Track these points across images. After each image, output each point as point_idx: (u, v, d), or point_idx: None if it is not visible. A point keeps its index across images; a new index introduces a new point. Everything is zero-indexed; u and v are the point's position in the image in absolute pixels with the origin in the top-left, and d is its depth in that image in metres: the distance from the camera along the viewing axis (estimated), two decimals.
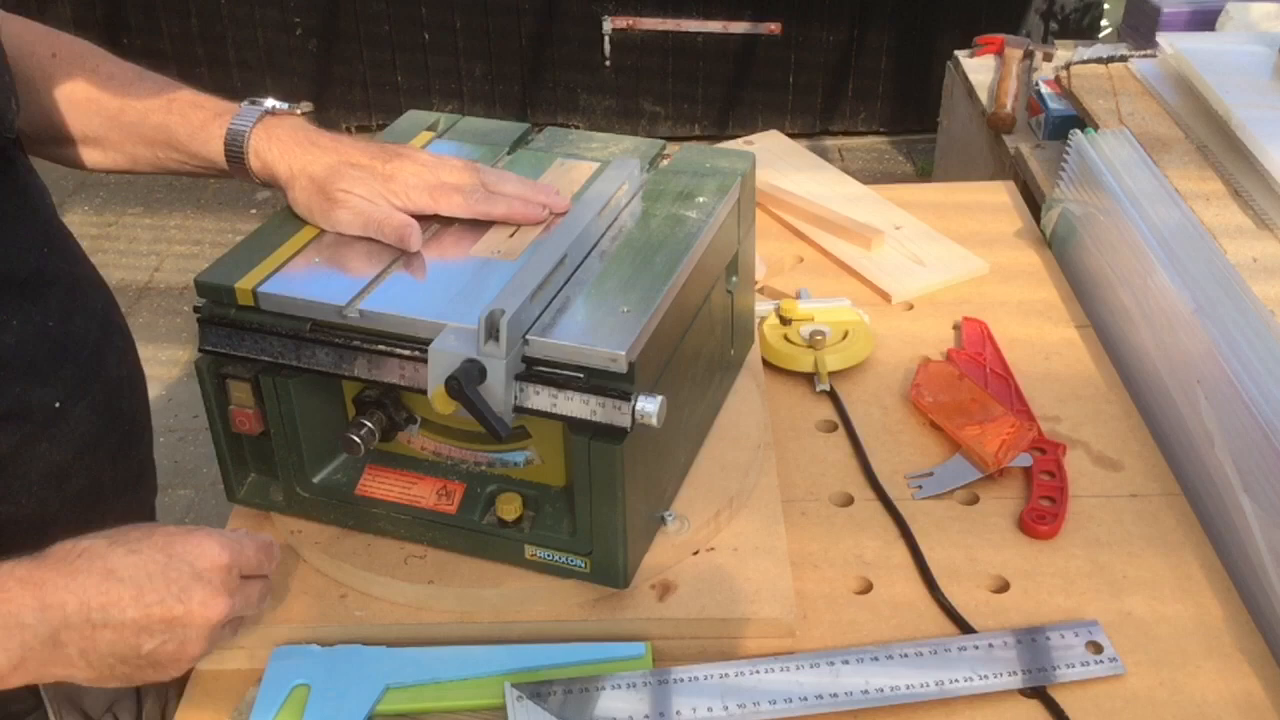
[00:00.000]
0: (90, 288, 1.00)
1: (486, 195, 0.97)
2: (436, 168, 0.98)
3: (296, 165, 0.98)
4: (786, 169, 1.65)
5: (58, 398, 0.92)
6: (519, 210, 0.96)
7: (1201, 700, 0.90)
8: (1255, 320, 1.09)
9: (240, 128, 1.00)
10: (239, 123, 1.00)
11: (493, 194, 0.97)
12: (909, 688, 0.89)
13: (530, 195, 0.98)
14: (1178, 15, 2.00)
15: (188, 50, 4.00)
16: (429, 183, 0.96)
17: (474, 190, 0.97)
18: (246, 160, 1.00)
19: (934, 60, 3.69)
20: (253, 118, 1.00)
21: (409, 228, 0.94)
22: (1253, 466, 1.01)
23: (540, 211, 0.97)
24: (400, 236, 0.94)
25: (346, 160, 0.97)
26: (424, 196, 0.96)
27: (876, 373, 1.26)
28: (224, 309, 0.93)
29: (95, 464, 0.96)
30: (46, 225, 0.96)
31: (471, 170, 0.99)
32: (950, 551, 1.03)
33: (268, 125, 1.00)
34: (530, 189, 0.99)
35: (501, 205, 0.97)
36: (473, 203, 0.96)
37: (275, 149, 0.99)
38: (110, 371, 0.98)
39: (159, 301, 3.25)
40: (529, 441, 0.94)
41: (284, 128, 1.01)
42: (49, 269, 0.94)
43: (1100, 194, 1.37)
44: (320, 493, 0.98)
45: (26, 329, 0.90)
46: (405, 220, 0.94)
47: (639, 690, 0.88)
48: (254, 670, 0.92)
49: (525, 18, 4.00)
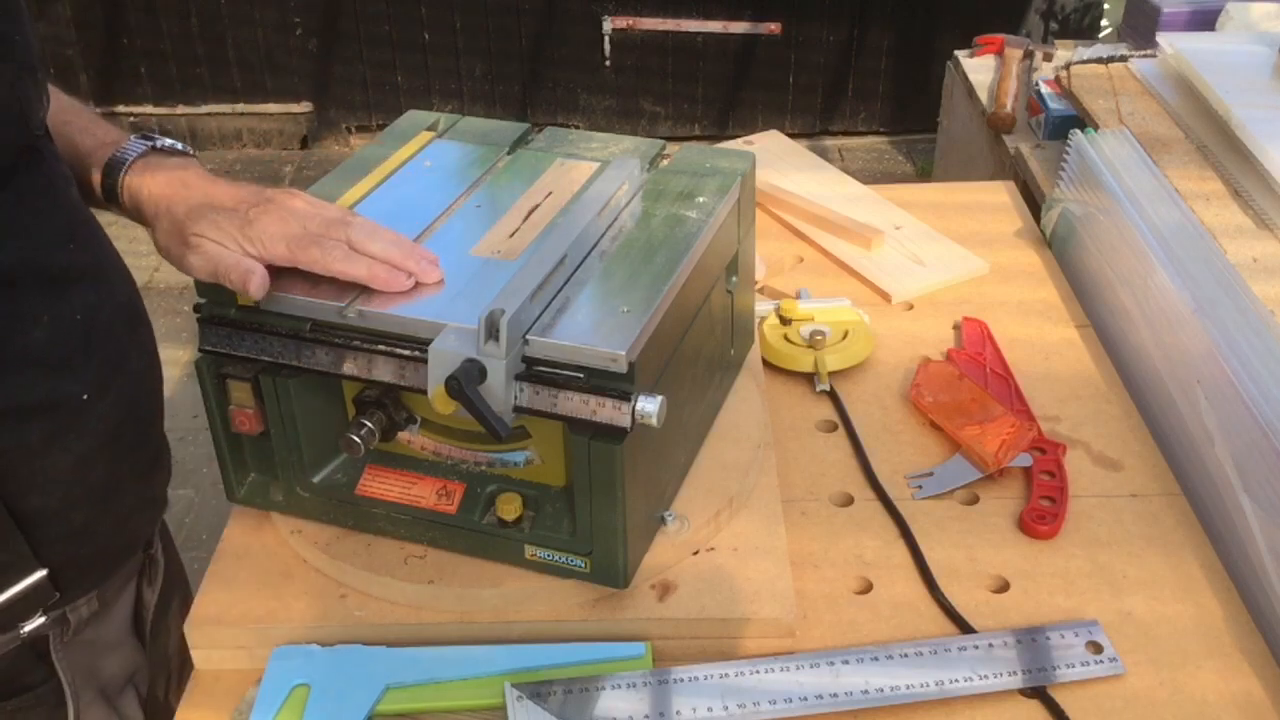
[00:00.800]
0: (116, 278, 0.99)
1: (347, 254, 0.91)
2: (304, 218, 0.92)
3: (162, 205, 0.94)
4: (786, 169, 1.65)
5: (85, 391, 0.92)
6: (381, 275, 0.90)
7: (1201, 700, 0.90)
8: (1255, 320, 1.09)
9: (121, 159, 0.96)
10: (120, 154, 0.96)
11: (354, 254, 0.91)
12: (909, 688, 0.89)
13: (399, 260, 0.91)
14: (1178, 15, 2.00)
15: (188, 50, 4.00)
16: (289, 233, 0.91)
17: (334, 247, 0.91)
18: (119, 194, 0.96)
19: (934, 60, 3.69)
20: (136, 151, 0.97)
21: (251, 274, 0.89)
22: (1253, 466, 1.01)
23: (404, 281, 0.91)
24: (243, 283, 0.89)
25: (210, 203, 0.92)
26: (280, 246, 0.90)
27: (876, 373, 1.26)
28: (224, 309, 0.93)
29: (116, 454, 0.97)
30: (72, 216, 0.95)
31: (341, 224, 0.92)
32: (950, 551, 1.03)
33: (149, 161, 0.97)
34: (401, 253, 0.92)
35: (362, 267, 0.90)
36: (330, 260, 0.90)
37: (147, 187, 0.95)
38: (133, 364, 0.99)
39: (159, 301, 3.25)
40: (529, 441, 0.94)
41: (165, 167, 0.97)
42: (77, 262, 0.93)
43: (1100, 194, 1.37)
44: (320, 493, 0.98)
45: (57, 323, 0.89)
46: (249, 266, 0.89)
47: (639, 690, 0.88)
48: (254, 670, 0.92)
49: (525, 18, 4.00)
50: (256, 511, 1.03)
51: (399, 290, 0.90)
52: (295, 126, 4.19)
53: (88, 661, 1.01)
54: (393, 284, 0.90)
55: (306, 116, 4.18)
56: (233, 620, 0.94)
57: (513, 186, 1.06)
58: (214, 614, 0.95)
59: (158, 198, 0.94)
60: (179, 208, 0.93)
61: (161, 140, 0.99)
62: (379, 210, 1.00)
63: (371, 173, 1.06)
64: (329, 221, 0.92)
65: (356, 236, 0.91)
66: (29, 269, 0.88)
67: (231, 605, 0.95)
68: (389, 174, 1.07)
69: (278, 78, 4.08)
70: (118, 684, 1.05)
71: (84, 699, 1.00)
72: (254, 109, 4.12)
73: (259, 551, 1.00)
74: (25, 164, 0.88)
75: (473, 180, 1.07)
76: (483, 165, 1.09)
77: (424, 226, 0.99)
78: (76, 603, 0.98)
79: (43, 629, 0.95)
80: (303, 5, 3.96)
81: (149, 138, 0.99)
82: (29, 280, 0.88)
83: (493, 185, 1.07)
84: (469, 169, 1.09)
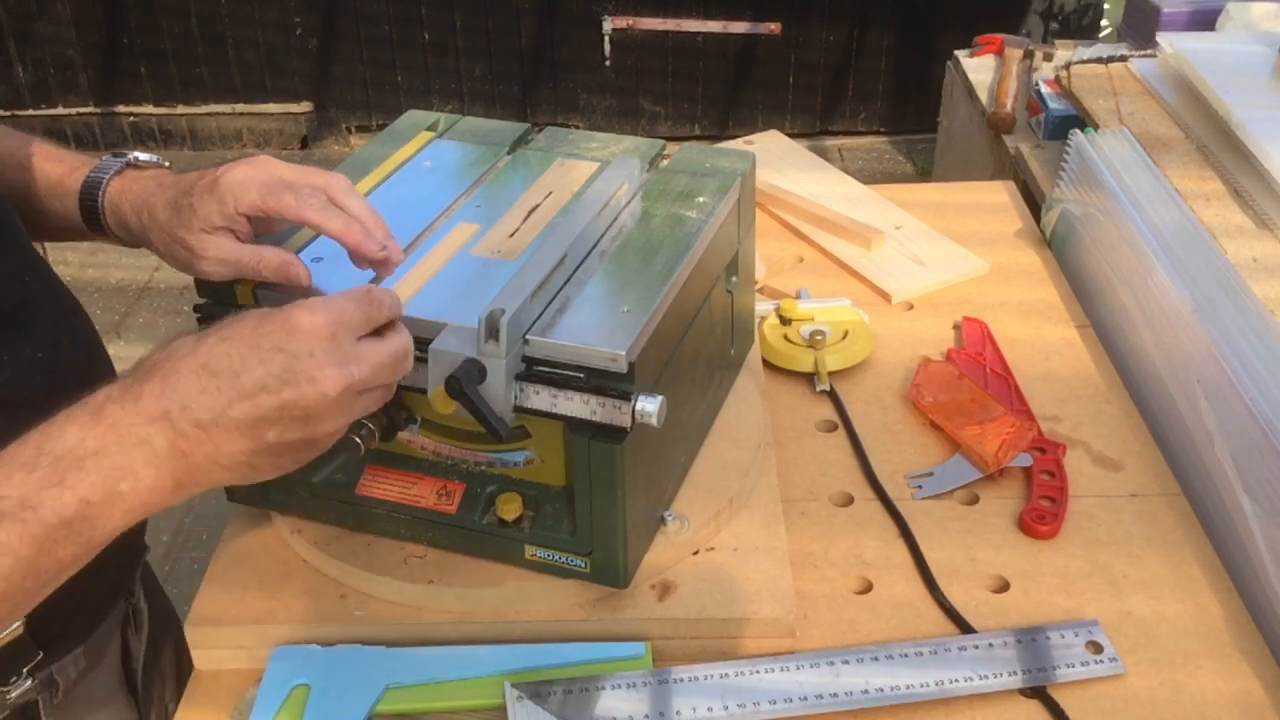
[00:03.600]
0: (74, 315, 0.96)
1: (325, 204, 0.85)
2: (279, 167, 0.86)
3: (144, 211, 0.89)
4: (786, 169, 1.65)
5: None
6: (356, 233, 0.85)
7: (1201, 700, 0.90)
8: (1255, 320, 1.09)
9: (98, 177, 0.92)
10: (97, 173, 0.93)
11: (330, 205, 0.85)
12: (909, 688, 0.89)
13: (373, 224, 0.86)
14: (1178, 15, 2.00)
15: (188, 50, 4.00)
16: (261, 179, 0.84)
17: (311, 195, 0.85)
18: (102, 214, 0.92)
19: (934, 60, 3.69)
20: (112, 168, 0.93)
21: (290, 265, 0.84)
22: (1253, 466, 1.01)
23: (376, 247, 0.85)
24: (286, 275, 0.84)
25: (182, 189, 0.87)
26: (250, 192, 0.84)
27: (876, 373, 1.26)
28: (224, 309, 0.93)
29: None
30: (25, 253, 0.92)
31: (318, 174, 0.87)
32: (950, 551, 1.03)
33: (127, 177, 0.93)
34: (375, 219, 0.87)
35: (338, 220, 0.84)
36: (305, 207, 0.84)
37: (127, 203, 0.91)
38: None
39: (159, 301, 3.25)
40: (529, 441, 0.94)
41: (139, 178, 0.92)
42: (33, 297, 0.90)
43: (1100, 194, 1.37)
44: (320, 492, 0.98)
45: (18, 363, 0.86)
46: (281, 256, 0.84)
47: (639, 690, 0.88)
48: (254, 670, 0.92)
49: (525, 18, 4.00)
50: (256, 511, 1.03)
51: (369, 254, 0.86)
52: (295, 126, 4.19)
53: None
54: (365, 245, 0.85)
55: (306, 116, 4.18)
56: (233, 620, 0.94)
57: (513, 186, 1.06)
58: (214, 614, 0.95)
59: (139, 208, 0.91)
60: (160, 213, 0.88)
61: (135, 155, 0.96)
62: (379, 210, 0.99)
63: (371, 173, 1.06)
64: (305, 170, 0.87)
65: (336, 186, 0.86)
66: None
67: (231, 605, 0.95)
68: (389, 174, 1.07)
69: (278, 78, 4.08)
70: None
71: None
72: (254, 109, 4.13)
73: (259, 551, 1.00)
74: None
75: (473, 180, 1.07)
76: (483, 165, 1.09)
77: (424, 226, 0.99)
78: (63, 661, 0.95)
79: (30, 693, 0.92)
80: (303, 5, 3.96)
81: (121, 154, 0.95)
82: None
83: (493, 185, 1.07)
84: (469, 169, 1.09)
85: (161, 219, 0.88)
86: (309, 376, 0.70)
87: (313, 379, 0.70)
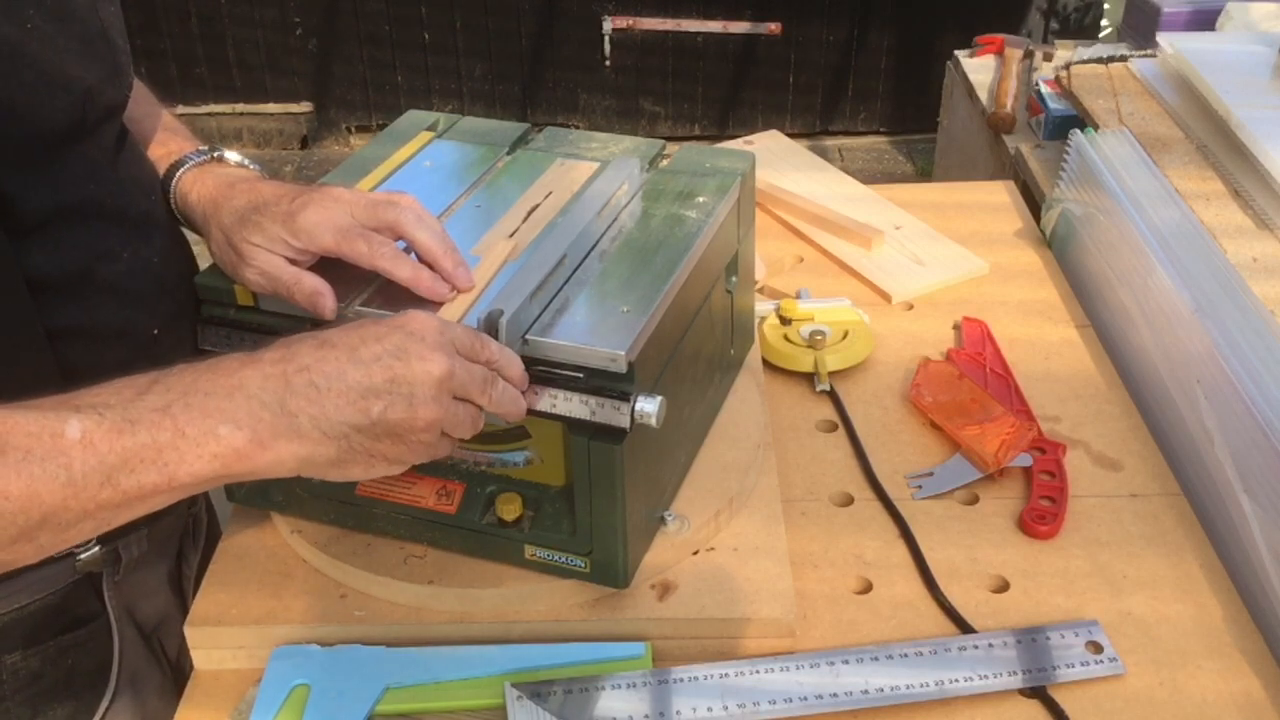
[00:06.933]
0: (185, 241, 1.01)
1: (395, 253, 0.88)
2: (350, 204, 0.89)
3: (209, 209, 0.94)
4: (786, 169, 1.65)
5: (156, 326, 0.94)
6: (425, 281, 0.88)
7: (1201, 700, 0.90)
8: (1255, 320, 1.09)
9: (179, 163, 0.97)
10: (180, 159, 0.97)
11: (400, 254, 0.89)
12: (909, 688, 0.89)
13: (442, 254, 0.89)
14: (1178, 15, 2.00)
15: (188, 50, 4.00)
16: (337, 223, 0.88)
17: (382, 244, 0.88)
18: (172, 198, 0.97)
19: (934, 60, 3.69)
20: (195, 159, 0.97)
21: (319, 295, 0.87)
22: (1253, 466, 1.01)
23: (445, 291, 0.89)
24: (312, 304, 0.87)
25: (254, 203, 0.90)
26: (327, 237, 0.88)
27: (876, 373, 1.26)
28: (224, 309, 0.93)
29: None
30: (152, 179, 0.98)
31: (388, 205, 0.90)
32: (950, 551, 1.03)
33: (203, 169, 0.96)
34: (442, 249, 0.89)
35: (406, 269, 0.88)
36: (377, 256, 0.88)
37: (196, 191, 0.95)
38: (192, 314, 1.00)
39: None
40: (529, 441, 0.94)
41: (214, 174, 0.96)
42: (156, 214, 0.96)
43: (1100, 194, 1.37)
44: (320, 493, 0.98)
45: (135, 263, 0.92)
46: (315, 286, 0.87)
47: (639, 690, 0.88)
48: (254, 670, 0.92)
49: (525, 18, 4.00)
50: (256, 511, 1.03)
51: (437, 300, 0.89)
52: (295, 126, 4.19)
53: (130, 601, 1.03)
54: (434, 292, 0.89)
55: (306, 116, 4.18)
56: (233, 620, 0.94)
57: (512, 186, 1.06)
58: (214, 614, 0.95)
59: (205, 201, 0.95)
60: (225, 215, 0.92)
61: (224, 151, 1.00)
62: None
63: (371, 173, 1.06)
64: (375, 203, 0.90)
65: (405, 219, 0.89)
66: (114, 209, 0.90)
67: (231, 605, 0.95)
68: (389, 174, 1.07)
69: (278, 78, 4.08)
70: (150, 625, 1.07)
71: (126, 636, 1.03)
72: (254, 109, 4.13)
73: (259, 551, 1.00)
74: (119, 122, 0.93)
75: (473, 180, 1.07)
76: (482, 165, 1.09)
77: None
78: (128, 538, 1.00)
79: (96, 561, 0.97)
80: (303, 5, 3.96)
81: (214, 149, 1.00)
82: (113, 219, 0.90)
83: (493, 185, 1.07)
84: (469, 169, 1.09)
85: (225, 221, 0.91)
86: (420, 355, 0.76)
87: (423, 357, 0.76)
